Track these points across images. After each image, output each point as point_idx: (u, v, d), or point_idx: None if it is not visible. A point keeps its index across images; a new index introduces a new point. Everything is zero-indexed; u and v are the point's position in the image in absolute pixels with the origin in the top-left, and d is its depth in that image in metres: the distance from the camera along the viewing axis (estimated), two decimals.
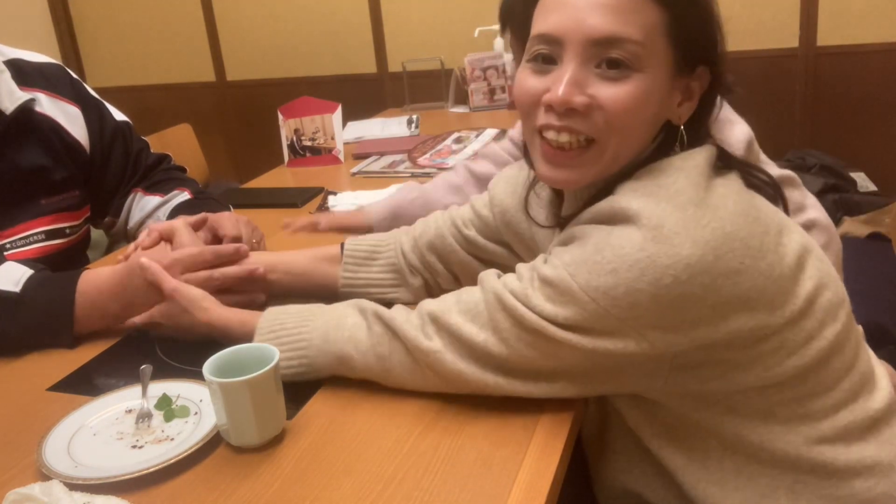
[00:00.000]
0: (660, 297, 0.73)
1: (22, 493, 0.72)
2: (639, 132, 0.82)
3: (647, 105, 0.80)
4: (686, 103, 0.84)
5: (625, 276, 0.74)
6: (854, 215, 2.46)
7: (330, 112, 2.17)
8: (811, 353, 0.79)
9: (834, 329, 0.81)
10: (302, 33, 3.53)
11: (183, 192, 1.47)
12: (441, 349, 0.84)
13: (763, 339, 0.78)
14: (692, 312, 0.75)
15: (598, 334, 0.77)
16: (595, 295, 0.75)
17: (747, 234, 0.76)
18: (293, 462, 0.81)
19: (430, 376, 0.86)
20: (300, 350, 0.92)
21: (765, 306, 0.76)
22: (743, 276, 0.75)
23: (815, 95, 2.92)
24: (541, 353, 0.80)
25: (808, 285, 0.80)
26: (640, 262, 0.74)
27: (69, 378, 1.02)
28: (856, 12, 2.79)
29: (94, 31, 3.86)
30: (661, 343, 0.76)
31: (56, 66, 1.45)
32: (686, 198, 0.77)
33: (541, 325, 0.78)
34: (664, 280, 0.73)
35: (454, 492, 0.74)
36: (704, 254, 0.73)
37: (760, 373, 0.79)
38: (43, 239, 1.35)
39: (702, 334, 0.76)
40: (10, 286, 1.08)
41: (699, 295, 0.74)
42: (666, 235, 0.74)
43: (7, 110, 1.29)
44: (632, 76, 0.78)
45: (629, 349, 0.77)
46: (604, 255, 0.76)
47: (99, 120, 1.44)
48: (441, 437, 0.83)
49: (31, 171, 1.33)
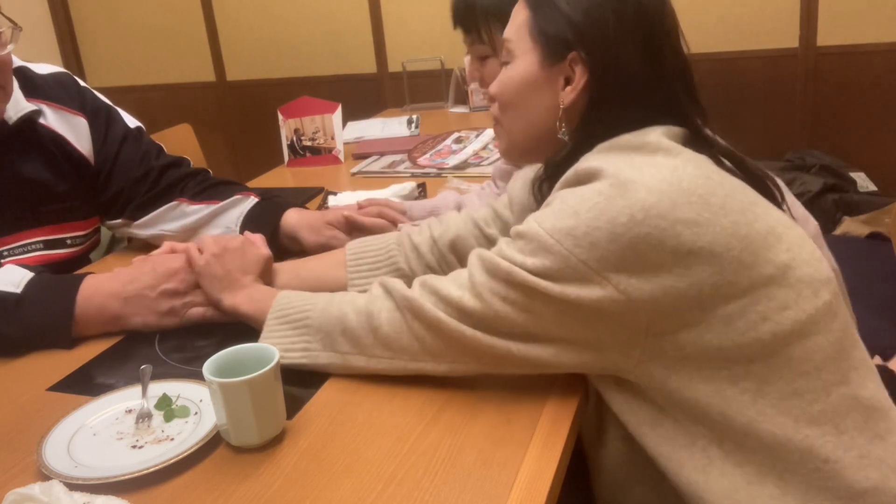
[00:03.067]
0: (617, 235, 0.77)
1: (22, 493, 0.72)
2: (529, 111, 0.95)
3: (518, 86, 0.95)
4: (568, 87, 0.92)
5: (584, 217, 0.79)
6: (854, 215, 2.46)
7: (330, 112, 2.17)
8: (787, 323, 0.80)
9: (814, 304, 0.82)
10: (302, 33, 3.53)
11: (248, 196, 1.42)
12: (418, 297, 0.88)
13: (732, 298, 0.79)
14: (651, 256, 0.77)
15: (565, 280, 0.79)
16: (559, 237, 0.79)
17: (707, 192, 0.80)
18: (293, 462, 0.81)
19: (417, 328, 0.88)
20: (305, 313, 0.96)
21: (730, 263, 0.78)
22: (703, 227, 0.78)
23: (815, 95, 2.92)
24: (513, 306, 0.82)
25: (783, 256, 0.81)
26: (599, 203, 0.79)
27: (69, 378, 1.02)
28: (856, 12, 2.79)
29: (94, 31, 3.86)
30: (626, 288, 0.78)
31: (64, 75, 1.44)
32: (643, 158, 0.83)
33: (512, 270, 0.81)
34: (620, 219, 0.77)
35: (454, 492, 0.74)
36: (660, 200, 0.78)
37: (735, 337, 0.79)
38: (41, 248, 1.34)
39: (665, 283, 0.78)
40: (11, 287, 1.08)
41: (656, 237, 0.77)
42: (623, 182, 0.79)
43: (10, 120, 1.29)
44: (506, 67, 0.97)
45: (595, 296, 0.79)
46: (568, 203, 0.81)
47: (106, 127, 1.42)
48: (441, 437, 0.83)
49: (32, 182, 1.32)
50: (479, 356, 0.87)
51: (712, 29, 2.90)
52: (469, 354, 0.87)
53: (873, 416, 0.84)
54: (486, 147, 2.08)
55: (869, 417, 0.84)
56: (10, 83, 1.27)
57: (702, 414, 0.82)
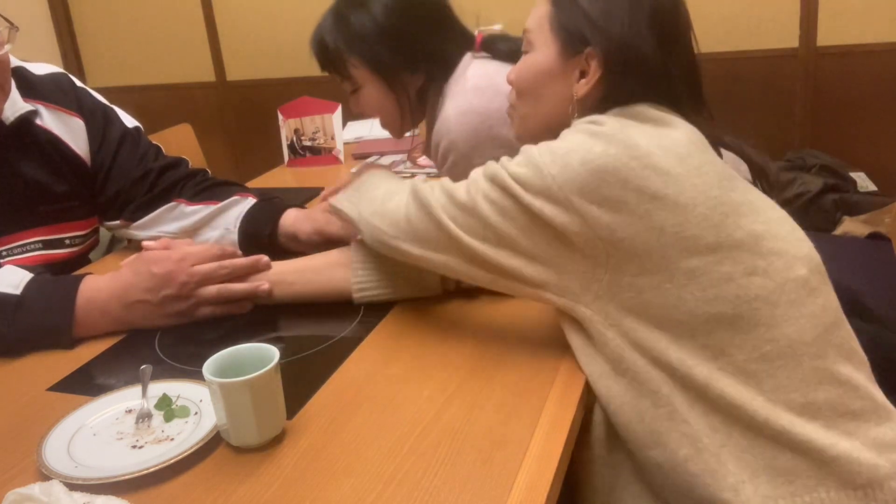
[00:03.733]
0: (588, 161, 0.84)
1: (22, 493, 0.72)
2: (544, 100, 1.02)
3: (537, 75, 1.01)
4: (582, 80, 0.97)
5: (570, 141, 0.88)
6: (854, 215, 2.46)
7: (330, 112, 2.17)
8: (753, 288, 0.83)
9: (785, 276, 0.85)
10: (302, 33, 3.49)
11: (246, 196, 1.42)
12: (430, 193, 0.97)
13: (695, 253, 0.83)
14: (615, 189, 0.83)
15: (536, 192, 0.87)
16: (543, 154, 0.88)
17: (686, 153, 0.86)
18: (293, 462, 0.81)
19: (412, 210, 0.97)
20: (364, 182, 1.11)
21: (695, 217, 0.83)
22: (672, 178, 0.84)
23: (815, 95, 2.92)
24: (493, 206, 0.90)
25: (757, 226, 0.86)
26: (582, 137, 0.88)
27: (69, 378, 1.02)
28: (856, 12, 2.79)
29: (94, 31, 3.86)
30: (585, 214, 0.84)
31: (61, 75, 1.43)
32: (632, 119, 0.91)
33: (498, 172, 0.90)
34: (595, 149, 0.85)
35: (454, 492, 0.74)
36: (637, 146, 0.85)
37: (696, 292, 0.83)
38: (40, 248, 1.34)
39: (626, 220, 0.83)
40: (10, 288, 1.08)
41: (623, 174, 0.83)
42: (616, 128, 0.87)
43: (7, 120, 1.28)
44: (526, 55, 1.03)
45: (558, 219, 0.85)
46: (566, 134, 0.91)
47: (103, 128, 1.42)
48: (441, 437, 0.83)
49: (29, 183, 1.32)
50: (454, 249, 0.94)
51: (712, 29, 2.89)
52: (450, 248, 0.94)
53: (848, 393, 0.85)
54: None
55: (844, 393, 0.85)
56: (8, 83, 1.27)
57: (661, 359, 0.85)
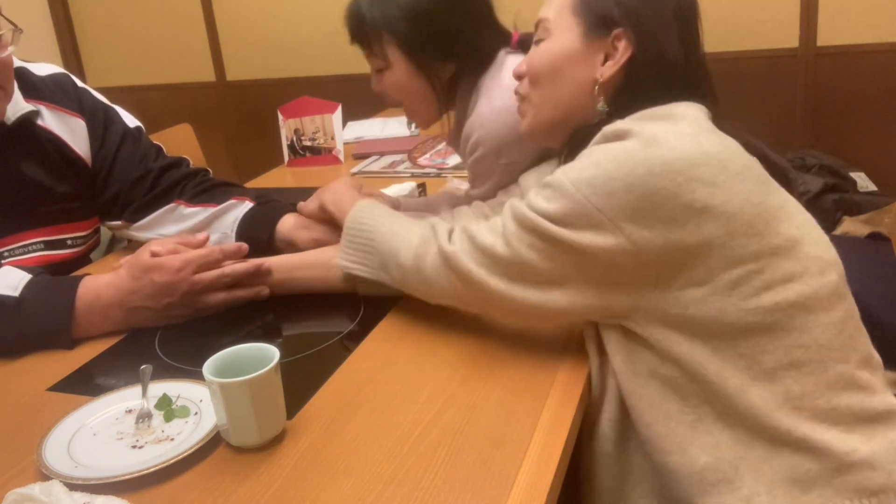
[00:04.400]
0: (633, 186, 0.81)
1: (22, 493, 0.72)
2: (561, 87, 0.99)
3: (554, 61, 0.98)
4: (608, 62, 0.95)
5: (605, 168, 0.83)
6: (854, 215, 2.46)
7: (330, 112, 2.17)
8: (791, 294, 0.83)
9: (820, 281, 0.85)
10: (302, 33, 3.53)
11: (244, 200, 1.41)
12: (458, 250, 0.94)
13: (739, 262, 0.82)
14: (665, 209, 0.81)
15: (581, 226, 0.84)
16: (579, 185, 0.84)
17: (726, 158, 0.84)
18: (293, 462, 0.81)
19: (451, 277, 0.95)
20: (371, 236, 1.07)
21: (741, 226, 0.82)
22: (718, 188, 0.81)
23: (815, 95, 2.92)
24: (537, 254, 0.88)
25: (793, 231, 0.85)
26: (620, 156, 0.83)
27: (69, 378, 1.02)
28: (856, 12, 2.79)
29: (94, 31, 3.86)
30: (637, 239, 0.81)
31: (62, 76, 1.43)
32: (670, 123, 0.87)
33: (537, 220, 0.87)
34: (638, 170, 0.81)
35: (454, 492, 0.74)
36: (680, 157, 0.81)
37: (738, 302, 0.82)
38: (41, 248, 1.34)
39: (676, 237, 0.81)
40: (9, 290, 1.08)
41: (671, 191, 0.80)
42: (648, 140, 0.83)
43: (8, 120, 1.28)
44: (543, 42, 1.00)
45: (608, 244, 0.83)
46: (593, 156, 0.86)
47: (104, 128, 1.42)
48: (441, 437, 0.83)
49: (31, 183, 1.32)
50: (503, 306, 0.93)
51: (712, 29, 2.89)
52: (491, 303, 0.95)
53: (868, 397, 0.86)
54: None
55: (864, 398, 0.86)
56: (10, 84, 1.27)
57: (698, 373, 0.84)
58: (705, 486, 0.84)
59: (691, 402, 0.85)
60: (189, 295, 1.12)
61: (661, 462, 0.87)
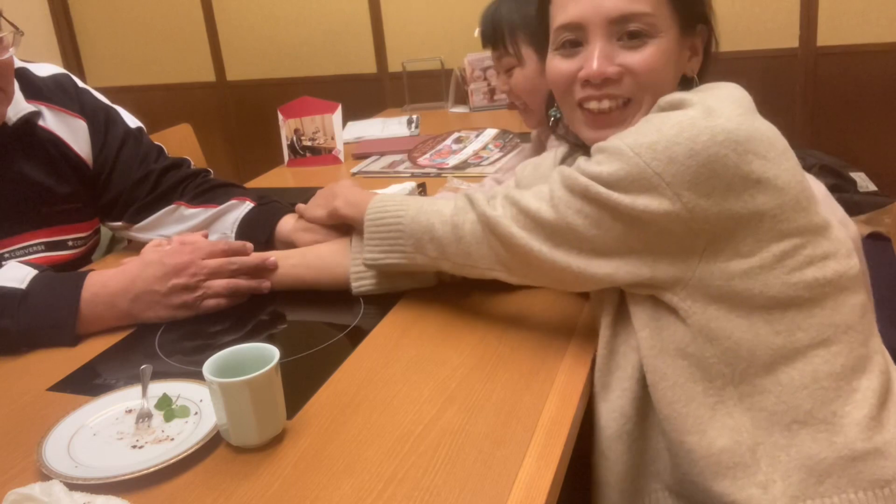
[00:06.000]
0: (696, 152, 0.81)
1: (22, 493, 0.72)
2: (664, 87, 0.94)
3: (667, 63, 0.94)
4: (694, 58, 0.97)
5: (667, 133, 0.82)
6: (854, 215, 2.45)
7: (330, 112, 2.17)
8: (829, 272, 0.85)
9: (849, 264, 0.87)
10: (302, 33, 3.53)
11: (244, 201, 1.41)
12: (501, 214, 0.93)
13: (785, 236, 0.83)
14: (724, 177, 0.81)
15: (637, 190, 0.83)
16: (639, 150, 0.83)
17: (773, 137, 0.86)
18: (293, 462, 0.81)
19: (493, 242, 0.94)
20: (398, 219, 1.04)
21: (790, 200, 0.83)
22: (770, 163, 0.83)
23: (815, 95, 2.92)
24: (585, 219, 0.87)
25: (826, 215, 0.88)
26: (682, 122, 0.83)
27: (69, 378, 1.02)
28: (856, 12, 2.79)
29: (94, 31, 3.86)
30: (694, 206, 0.81)
31: (63, 76, 1.43)
32: (724, 96, 0.88)
33: (588, 184, 0.86)
34: (701, 137, 0.81)
35: (454, 492, 0.74)
36: (739, 128, 0.82)
37: (782, 276, 0.83)
38: (43, 250, 1.34)
39: (731, 207, 0.82)
40: (16, 283, 1.08)
41: (732, 160, 0.81)
42: (708, 109, 0.83)
43: (10, 121, 1.28)
44: (649, 42, 0.92)
45: (664, 208, 0.82)
46: (652, 123, 0.85)
47: (105, 129, 1.42)
48: (441, 437, 0.83)
49: (33, 184, 1.32)
50: (543, 271, 0.92)
51: None
52: (533, 268, 0.93)
53: (886, 381, 0.88)
54: (486, 147, 2.08)
55: (882, 382, 0.87)
56: (11, 86, 1.27)
57: (730, 350, 0.85)
58: (722, 468, 0.84)
59: (716, 384, 0.86)
60: (196, 277, 1.12)
61: (679, 441, 0.87)
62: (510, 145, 2.06)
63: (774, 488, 0.82)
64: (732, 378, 0.85)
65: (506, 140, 2.10)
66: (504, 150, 2.02)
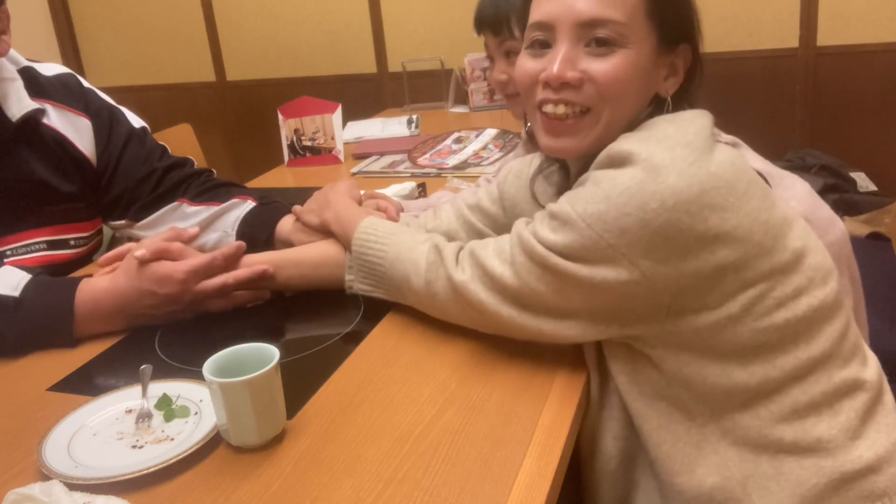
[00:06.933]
0: (647, 221, 0.79)
1: (22, 493, 0.72)
2: (628, 101, 0.90)
3: (633, 76, 0.89)
4: (672, 78, 0.93)
5: (615, 202, 0.80)
6: (854, 215, 2.45)
7: (330, 112, 2.17)
8: (800, 309, 0.82)
9: (824, 292, 0.85)
10: (302, 33, 3.53)
11: (246, 200, 1.41)
12: (468, 280, 0.93)
13: (752, 284, 0.81)
14: (679, 242, 0.79)
15: (594, 262, 0.82)
16: (590, 221, 0.81)
17: (733, 178, 0.81)
18: (293, 462, 0.81)
19: (464, 305, 0.95)
20: (379, 260, 1.05)
21: (753, 247, 0.80)
22: (729, 212, 0.80)
23: (815, 95, 2.92)
24: (547, 286, 0.86)
25: (796, 242, 0.84)
26: (630, 189, 0.80)
27: (69, 378, 1.02)
28: (856, 12, 2.79)
29: (94, 31, 3.86)
30: (653, 274, 0.80)
31: (68, 76, 1.43)
32: (675, 141, 0.83)
33: (545, 255, 0.85)
34: (651, 205, 0.78)
35: (454, 492, 0.74)
36: (690, 185, 0.79)
37: (752, 323, 0.81)
38: (44, 248, 1.34)
39: (690, 267, 0.80)
40: (9, 290, 1.08)
41: (686, 223, 0.78)
42: (655, 167, 0.80)
43: (14, 118, 1.29)
44: (617, 52, 0.88)
45: (622, 278, 0.81)
46: (601, 187, 0.82)
47: (109, 128, 1.42)
48: (441, 437, 0.83)
49: (36, 182, 1.32)
50: (515, 332, 0.93)
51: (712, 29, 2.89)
52: (505, 328, 0.93)
53: (872, 396, 0.87)
54: (486, 147, 2.08)
55: (867, 399, 0.86)
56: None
57: (706, 393, 0.84)
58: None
59: (697, 422, 0.85)
60: (193, 303, 1.13)
61: (669, 482, 0.87)
62: (510, 145, 2.05)
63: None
64: (712, 415, 0.85)
65: (506, 140, 2.10)
66: (504, 150, 2.02)
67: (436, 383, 0.93)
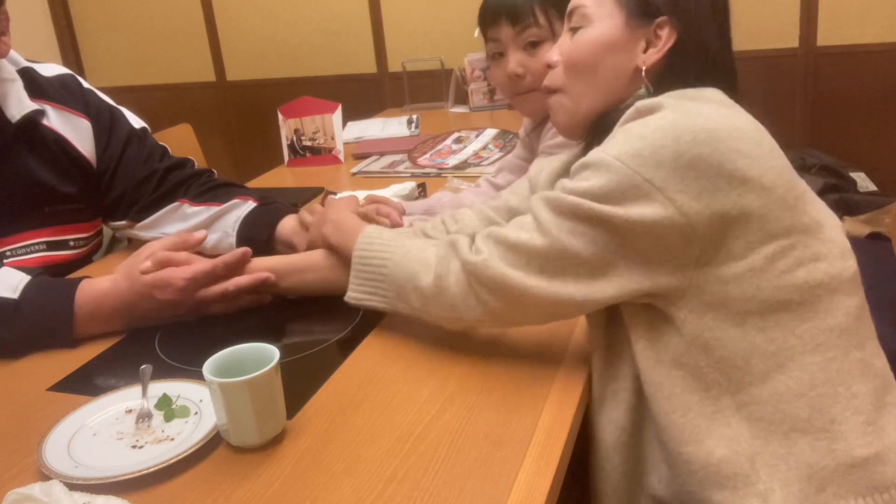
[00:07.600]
0: (681, 153, 0.81)
1: (22, 493, 0.72)
2: (594, 69, 0.96)
3: (593, 46, 0.95)
4: (650, 49, 0.94)
5: (651, 138, 0.82)
6: (854, 215, 2.45)
7: (330, 112, 2.17)
8: (819, 273, 0.84)
9: (842, 265, 0.87)
10: (302, 33, 3.53)
11: (247, 200, 1.41)
12: (487, 256, 0.90)
13: (774, 237, 0.83)
14: (710, 177, 0.81)
15: (629, 201, 0.82)
16: (625, 159, 0.82)
17: (758, 135, 0.86)
18: (293, 462, 0.81)
19: (480, 291, 0.90)
20: (383, 262, 1.01)
21: (776, 199, 0.83)
22: (755, 161, 0.82)
23: (815, 95, 2.92)
24: (579, 239, 0.85)
25: (818, 215, 0.87)
26: (664, 126, 0.82)
27: (69, 378, 1.02)
28: (856, 12, 2.79)
29: (94, 31, 3.86)
30: (687, 210, 0.81)
31: (68, 76, 1.43)
32: (704, 99, 0.88)
33: (577, 202, 0.84)
34: (684, 137, 0.81)
35: (454, 492, 0.74)
36: (719, 128, 0.82)
37: (773, 278, 0.83)
38: (44, 249, 1.34)
39: (720, 206, 0.81)
40: (8, 292, 1.08)
41: (716, 159, 0.81)
42: (686, 111, 0.84)
43: (13, 118, 1.29)
44: (581, 30, 0.96)
45: (658, 215, 0.81)
46: (633, 131, 0.84)
47: (109, 129, 1.42)
48: (441, 437, 0.83)
49: (35, 183, 1.32)
50: (540, 309, 0.90)
51: None
52: (530, 310, 0.90)
53: (883, 385, 0.87)
54: (486, 147, 2.08)
55: (879, 386, 0.87)
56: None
57: (725, 359, 0.85)
58: (720, 478, 0.84)
59: (712, 393, 0.85)
60: (194, 309, 1.13)
61: (677, 452, 0.87)
62: (510, 145, 2.06)
63: (774, 497, 0.82)
64: (728, 387, 0.85)
65: (506, 140, 2.10)
66: (504, 150, 2.02)
67: (436, 383, 0.93)
